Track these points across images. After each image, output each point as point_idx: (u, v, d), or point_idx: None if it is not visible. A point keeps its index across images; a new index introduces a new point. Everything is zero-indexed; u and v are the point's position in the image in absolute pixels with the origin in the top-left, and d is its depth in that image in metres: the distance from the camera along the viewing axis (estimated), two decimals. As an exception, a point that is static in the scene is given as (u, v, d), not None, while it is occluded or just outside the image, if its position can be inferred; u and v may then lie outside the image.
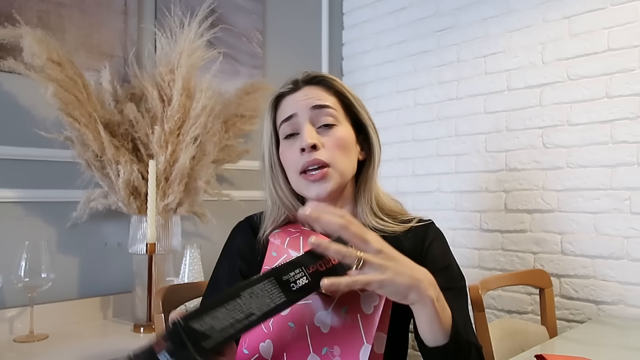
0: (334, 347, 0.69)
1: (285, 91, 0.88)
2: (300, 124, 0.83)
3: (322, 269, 0.64)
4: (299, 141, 0.82)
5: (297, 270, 0.63)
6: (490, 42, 1.89)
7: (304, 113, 0.83)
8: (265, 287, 0.60)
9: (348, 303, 0.70)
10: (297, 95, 0.85)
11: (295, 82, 0.88)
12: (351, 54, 2.42)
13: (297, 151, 0.81)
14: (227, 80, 1.93)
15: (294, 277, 0.62)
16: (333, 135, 0.82)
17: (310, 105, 0.83)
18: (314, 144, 0.79)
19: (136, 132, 1.56)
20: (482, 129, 1.90)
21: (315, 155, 0.80)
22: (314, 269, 0.64)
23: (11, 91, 1.49)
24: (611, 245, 1.57)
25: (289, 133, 0.84)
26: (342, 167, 0.82)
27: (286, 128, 0.84)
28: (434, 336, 0.69)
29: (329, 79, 0.87)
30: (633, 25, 1.55)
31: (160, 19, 1.78)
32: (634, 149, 1.54)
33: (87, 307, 1.60)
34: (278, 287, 0.61)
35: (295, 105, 0.84)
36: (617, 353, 1.22)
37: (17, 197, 1.49)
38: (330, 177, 0.80)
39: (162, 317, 1.06)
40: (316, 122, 0.83)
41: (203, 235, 1.88)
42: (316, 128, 0.82)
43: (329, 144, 0.81)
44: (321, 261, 0.65)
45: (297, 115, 0.83)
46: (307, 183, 0.81)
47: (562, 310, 1.65)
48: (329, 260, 0.65)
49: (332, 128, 0.83)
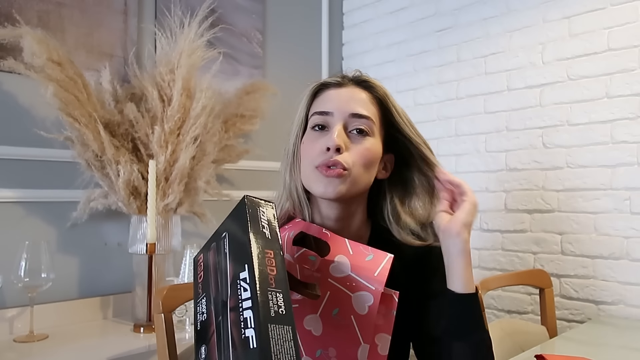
0: (328, 348, 0.68)
1: (330, 82, 0.84)
2: (333, 123, 0.80)
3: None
4: (325, 138, 0.79)
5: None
6: (490, 42, 1.89)
7: (341, 116, 0.80)
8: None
9: (339, 305, 0.70)
10: (340, 92, 0.82)
11: (343, 77, 0.85)
12: (351, 54, 2.42)
13: (320, 146, 0.78)
14: (227, 80, 1.93)
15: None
16: (362, 144, 0.79)
17: (351, 112, 0.80)
18: (340, 146, 0.77)
19: (136, 132, 1.56)
20: (482, 129, 1.90)
21: (337, 157, 0.77)
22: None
23: (11, 91, 1.49)
24: (611, 245, 1.57)
25: (319, 124, 0.81)
26: (359, 177, 0.79)
27: (317, 119, 0.81)
28: (467, 281, 0.75)
29: (378, 87, 0.84)
30: (633, 25, 1.55)
31: (160, 19, 1.78)
32: (634, 149, 1.54)
33: (87, 307, 1.60)
34: None
35: (335, 103, 0.81)
36: (617, 353, 1.22)
37: (17, 197, 1.49)
38: (345, 181, 0.77)
39: (162, 317, 1.06)
40: (350, 126, 0.80)
41: (203, 235, 1.88)
42: (348, 131, 0.80)
43: (355, 151, 0.78)
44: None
45: (332, 115, 0.80)
46: (319, 177, 0.78)
47: (562, 310, 1.65)
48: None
49: (364, 137, 0.80)
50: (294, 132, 0.85)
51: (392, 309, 0.70)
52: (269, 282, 0.53)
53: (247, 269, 0.54)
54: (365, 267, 0.71)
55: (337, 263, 0.72)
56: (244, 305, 0.52)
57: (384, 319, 0.70)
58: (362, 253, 0.73)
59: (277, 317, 0.51)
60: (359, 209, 0.85)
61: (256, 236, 0.57)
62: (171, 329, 1.06)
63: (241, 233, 0.59)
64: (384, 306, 0.71)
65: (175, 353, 1.05)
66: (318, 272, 0.72)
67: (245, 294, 0.53)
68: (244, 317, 0.51)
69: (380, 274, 0.69)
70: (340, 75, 0.85)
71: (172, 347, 1.05)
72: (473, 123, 1.93)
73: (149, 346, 1.37)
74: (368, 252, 0.73)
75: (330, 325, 0.69)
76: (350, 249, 0.73)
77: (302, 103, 0.85)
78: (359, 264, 0.71)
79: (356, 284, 0.70)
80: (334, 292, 0.71)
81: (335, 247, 0.74)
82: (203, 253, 0.68)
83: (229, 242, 0.61)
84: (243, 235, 0.58)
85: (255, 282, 0.52)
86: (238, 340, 0.51)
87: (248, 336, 0.50)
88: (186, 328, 1.48)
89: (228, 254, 0.60)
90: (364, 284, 0.70)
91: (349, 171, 0.77)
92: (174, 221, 1.62)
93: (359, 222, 0.85)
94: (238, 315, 0.52)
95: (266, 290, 0.52)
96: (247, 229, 0.57)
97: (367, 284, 0.70)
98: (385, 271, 0.70)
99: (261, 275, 0.53)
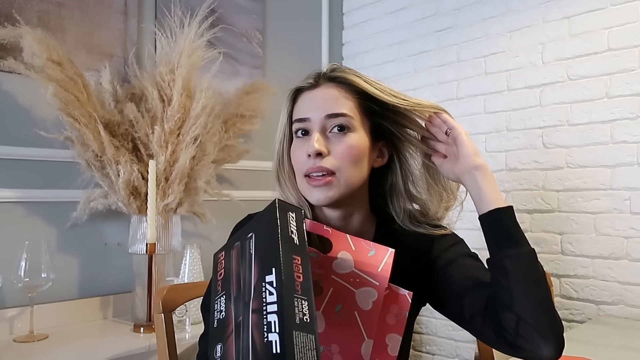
0: (331, 345, 0.68)
1: (304, 86, 0.84)
2: (312, 128, 0.80)
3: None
4: (307, 145, 0.79)
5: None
6: (490, 42, 1.89)
7: (317, 119, 0.79)
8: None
9: (342, 301, 0.70)
10: (314, 94, 0.82)
11: (317, 78, 0.84)
12: (351, 54, 2.42)
13: (304, 153, 0.79)
14: (227, 80, 1.93)
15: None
16: (344, 142, 0.79)
17: (325, 113, 0.79)
18: (319, 152, 0.77)
19: (136, 132, 1.56)
20: (482, 129, 1.90)
21: (319, 162, 0.77)
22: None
23: (11, 91, 1.49)
24: (611, 245, 1.57)
25: (301, 130, 0.81)
26: (349, 175, 0.78)
27: (298, 126, 0.82)
28: (499, 198, 0.75)
29: (351, 78, 0.81)
30: (633, 25, 1.55)
31: (160, 19, 1.78)
32: (634, 149, 1.54)
33: (87, 307, 1.59)
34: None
35: (310, 107, 0.81)
36: (617, 353, 1.22)
37: (17, 197, 1.49)
38: (333, 186, 0.77)
39: (162, 317, 1.06)
40: (328, 126, 0.80)
41: (203, 235, 1.88)
42: (328, 132, 0.79)
43: (338, 151, 0.78)
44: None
45: (310, 120, 0.80)
46: (309, 187, 0.79)
47: (562, 310, 1.65)
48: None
49: (345, 134, 0.79)
50: (279, 140, 0.85)
51: (405, 309, 0.70)
52: (296, 288, 0.53)
53: (275, 273, 0.54)
54: (369, 262, 0.71)
55: (340, 260, 0.72)
56: (268, 309, 0.52)
57: (395, 319, 0.70)
58: (364, 249, 0.73)
59: (302, 324, 0.51)
60: (359, 204, 0.85)
61: (285, 241, 0.57)
62: (171, 329, 1.06)
63: (270, 236, 0.59)
64: (397, 306, 0.71)
65: (175, 353, 1.06)
66: (320, 269, 0.72)
67: (270, 298, 0.53)
68: (267, 321, 0.51)
69: (384, 270, 0.70)
70: (315, 75, 0.84)
71: (172, 347, 1.05)
72: (473, 123, 1.93)
73: (149, 346, 1.37)
74: (370, 247, 0.73)
75: (333, 322, 0.69)
76: (352, 245, 0.73)
77: (282, 111, 0.85)
78: (362, 260, 0.72)
79: (360, 280, 0.70)
80: (337, 289, 0.71)
81: (337, 244, 0.74)
82: (225, 251, 0.68)
83: (256, 243, 0.61)
84: (271, 238, 0.58)
85: (282, 287, 0.52)
86: (260, 343, 0.51)
87: (271, 340, 0.50)
88: (186, 328, 1.48)
89: (254, 256, 0.60)
90: (368, 280, 0.70)
91: (336, 174, 0.78)
92: (174, 221, 1.61)
93: (361, 218, 0.85)
94: (261, 318, 0.52)
95: (292, 297, 0.52)
96: (277, 233, 0.58)
97: (371, 279, 0.70)
98: (388, 266, 0.70)
99: (288, 281, 0.53)
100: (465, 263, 0.81)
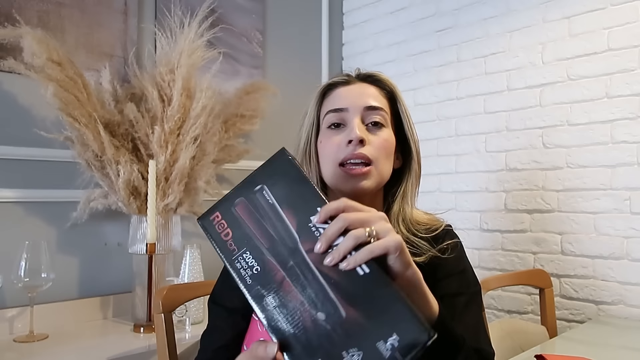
0: None
1: (338, 81, 0.85)
2: (349, 119, 0.81)
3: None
4: (345, 133, 0.80)
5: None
6: (490, 42, 1.89)
7: (356, 110, 0.81)
8: None
9: None
10: (351, 89, 0.83)
11: (349, 76, 0.86)
12: (351, 54, 2.42)
13: (340, 142, 0.79)
14: (227, 80, 1.93)
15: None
16: (380, 136, 0.81)
17: (365, 105, 0.81)
18: (362, 139, 0.78)
19: (136, 132, 1.56)
20: (482, 129, 1.90)
21: (360, 149, 0.78)
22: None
23: (11, 91, 1.49)
24: (611, 245, 1.57)
25: (334, 122, 0.82)
26: (382, 168, 0.80)
27: (332, 117, 0.82)
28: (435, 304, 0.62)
29: (385, 80, 0.86)
30: (633, 25, 1.55)
31: (160, 19, 1.78)
32: (634, 149, 1.54)
33: (87, 307, 1.59)
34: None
35: (348, 99, 0.82)
36: (617, 353, 1.22)
37: (17, 197, 1.49)
38: (371, 176, 0.79)
39: (162, 317, 1.06)
40: (366, 119, 0.81)
41: (203, 235, 1.86)
42: (365, 125, 0.81)
43: (376, 143, 0.80)
44: None
45: (347, 111, 0.81)
46: (346, 176, 0.79)
47: (562, 310, 1.65)
48: None
49: (380, 128, 0.81)
50: (305, 133, 0.85)
51: None
52: None
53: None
54: None
55: None
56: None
57: None
58: None
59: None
60: (378, 203, 0.86)
61: (312, 181, 0.60)
62: (171, 329, 1.06)
63: (295, 181, 0.60)
64: None
65: (175, 353, 1.06)
66: None
67: None
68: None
69: None
70: (345, 74, 0.87)
71: (172, 347, 1.05)
72: (473, 123, 1.93)
73: (149, 346, 1.37)
74: None
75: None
76: None
77: (311, 105, 0.86)
78: None
79: None
80: None
81: None
82: (219, 211, 0.66)
83: (275, 192, 0.61)
84: (300, 182, 0.60)
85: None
86: (338, 273, 0.55)
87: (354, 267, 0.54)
88: (186, 328, 1.48)
89: (278, 204, 0.60)
90: None
91: (374, 165, 0.79)
92: (174, 221, 1.62)
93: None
94: (324, 254, 0.56)
95: None
96: (304, 177, 0.60)
97: None
98: None
99: None
100: (455, 304, 0.77)
